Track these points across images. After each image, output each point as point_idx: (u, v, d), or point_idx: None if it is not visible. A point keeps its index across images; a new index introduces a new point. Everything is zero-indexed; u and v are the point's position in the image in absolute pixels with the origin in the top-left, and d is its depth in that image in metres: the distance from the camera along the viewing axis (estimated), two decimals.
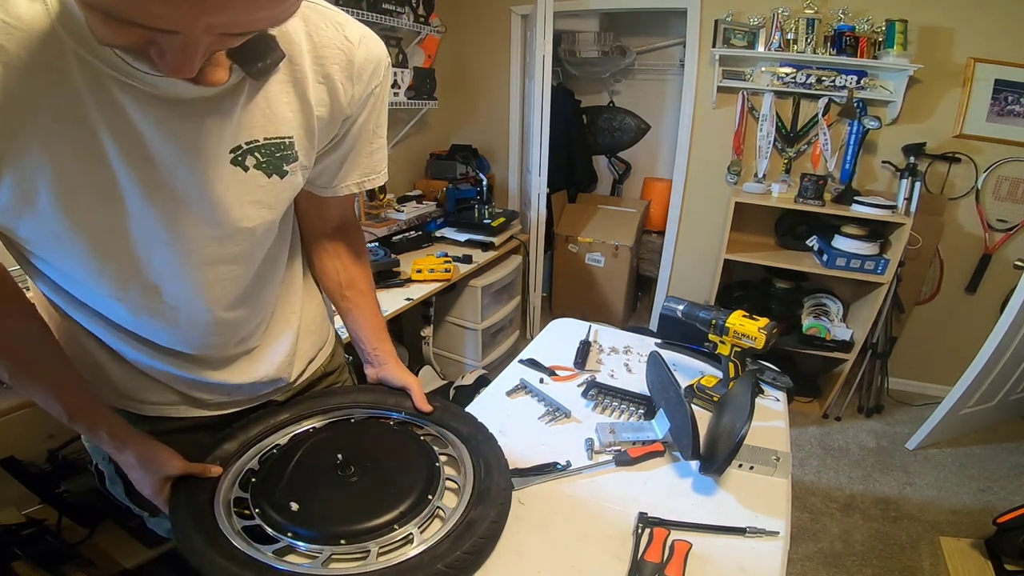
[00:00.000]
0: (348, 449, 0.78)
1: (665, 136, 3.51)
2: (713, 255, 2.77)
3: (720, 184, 2.82)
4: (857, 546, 1.87)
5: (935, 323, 2.72)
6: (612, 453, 0.93)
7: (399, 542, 0.67)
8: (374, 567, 0.63)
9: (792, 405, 1.16)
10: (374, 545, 0.65)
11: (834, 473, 2.26)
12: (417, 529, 0.68)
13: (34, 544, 1.28)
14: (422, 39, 2.70)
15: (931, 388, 2.80)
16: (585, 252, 3.27)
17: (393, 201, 2.58)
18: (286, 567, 0.62)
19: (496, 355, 2.66)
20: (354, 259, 0.93)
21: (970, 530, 1.91)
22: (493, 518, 0.70)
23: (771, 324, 1.05)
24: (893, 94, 2.37)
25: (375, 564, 0.63)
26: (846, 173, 2.44)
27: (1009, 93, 2.30)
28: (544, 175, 2.81)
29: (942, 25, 2.29)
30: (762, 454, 0.92)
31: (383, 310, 1.79)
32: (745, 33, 2.48)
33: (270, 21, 0.44)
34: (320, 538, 0.66)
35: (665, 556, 0.72)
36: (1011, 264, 2.38)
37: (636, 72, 3.47)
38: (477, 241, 2.54)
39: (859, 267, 2.32)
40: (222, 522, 0.67)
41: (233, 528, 0.67)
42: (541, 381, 1.18)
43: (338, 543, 0.65)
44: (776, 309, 2.64)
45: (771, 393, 1.17)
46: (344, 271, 0.92)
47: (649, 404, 1.08)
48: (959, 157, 2.42)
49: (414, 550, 0.65)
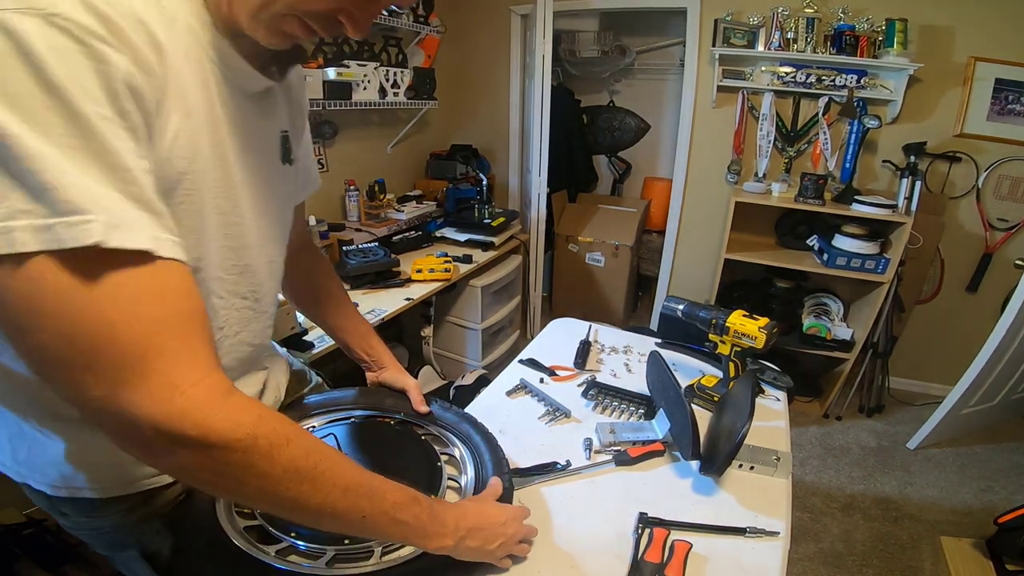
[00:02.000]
0: (350, 450, 0.78)
1: (665, 136, 3.51)
2: (713, 255, 2.77)
3: (720, 183, 2.82)
4: (858, 546, 1.87)
5: (936, 322, 2.72)
6: (612, 453, 0.93)
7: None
8: (376, 567, 0.63)
9: (793, 405, 1.16)
10: (377, 545, 0.66)
11: (835, 473, 2.26)
12: None
13: (35, 544, 1.28)
14: (422, 39, 2.70)
15: (932, 387, 2.79)
16: (585, 252, 3.27)
17: (393, 201, 2.58)
18: (288, 567, 0.62)
19: (496, 355, 2.66)
20: (324, 273, 0.95)
21: (971, 530, 1.91)
22: None
23: (771, 324, 1.05)
24: (893, 93, 2.37)
25: (378, 564, 0.63)
26: (846, 172, 2.44)
27: (1009, 92, 2.29)
28: (544, 175, 2.81)
29: (942, 24, 2.29)
30: (762, 454, 0.92)
31: (383, 310, 1.82)
32: (745, 32, 2.47)
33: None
34: (323, 538, 0.66)
35: (665, 556, 0.72)
36: (1012, 263, 2.38)
37: (636, 72, 3.47)
38: (477, 241, 2.54)
39: (860, 266, 2.32)
40: (223, 522, 0.67)
41: (235, 527, 0.67)
42: (541, 381, 1.18)
43: (342, 543, 0.65)
44: (776, 309, 2.64)
45: (771, 393, 1.17)
46: (318, 284, 0.94)
47: (649, 404, 1.08)
48: (960, 156, 2.41)
49: (414, 551, 0.65)
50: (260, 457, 0.44)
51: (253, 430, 0.44)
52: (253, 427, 0.44)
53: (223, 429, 0.43)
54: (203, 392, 0.43)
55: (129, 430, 0.41)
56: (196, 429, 0.42)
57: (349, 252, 2.06)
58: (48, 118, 0.37)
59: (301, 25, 0.51)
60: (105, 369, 0.40)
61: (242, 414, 0.44)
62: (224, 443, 0.43)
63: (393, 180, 2.72)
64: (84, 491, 0.62)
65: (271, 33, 0.51)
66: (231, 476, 0.45)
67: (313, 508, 0.49)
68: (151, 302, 0.41)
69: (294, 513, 0.49)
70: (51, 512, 0.66)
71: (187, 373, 0.42)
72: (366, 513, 0.52)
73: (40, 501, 0.66)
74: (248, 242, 0.63)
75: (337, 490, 0.50)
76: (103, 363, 0.40)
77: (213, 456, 0.43)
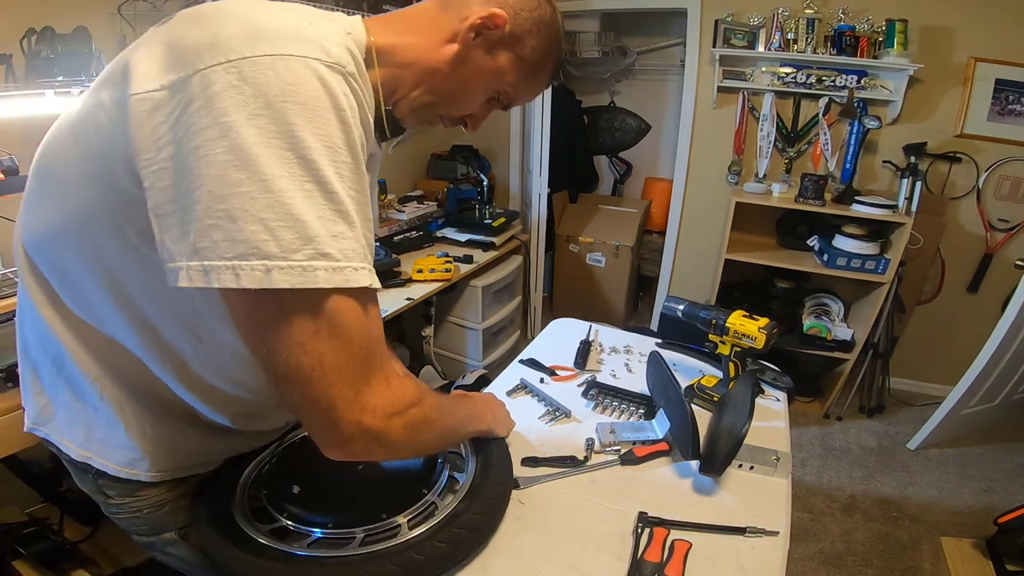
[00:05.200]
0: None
1: (666, 136, 3.50)
2: (714, 255, 2.77)
3: (721, 184, 2.82)
4: (858, 546, 1.87)
5: (936, 323, 2.71)
6: (616, 452, 0.94)
7: (388, 531, 0.69)
8: (353, 552, 0.65)
9: (793, 405, 1.16)
10: (360, 532, 0.68)
11: (835, 473, 2.26)
12: (406, 520, 0.69)
13: (36, 542, 1.29)
14: None
15: (933, 388, 2.79)
16: (586, 252, 3.27)
17: (394, 201, 2.58)
18: (276, 545, 0.66)
19: (497, 355, 2.66)
20: None
21: (971, 530, 1.91)
22: (476, 510, 0.71)
23: (771, 324, 1.05)
24: (894, 94, 2.37)
25: (356, 550, 0.65)
26: (847, 173, 2.44)
27: (1010, 92, 2.29)
28: (545, 175, 2.81)
29: (942, 24, 2.28)
30: (762, 454, 0.92)
31: (384, 310, 1.82)
32: (745, 33, 2.47)
33: None
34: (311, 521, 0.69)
35: (665, 556, 0.72)
36: (1012, 264, 2.38)
37: (637, 72, 3.46)
38: (478, 241, 2.54)
39: (860, 267, 2.32)
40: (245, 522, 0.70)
41: (245, 518, 0.70)
42: (542, 381, 1.18)
43: (326, 527, 0.68)
44: (777, 309, 2.64)
45: (771, 393, 1.17)
46: None
47: (649, 404, 1.08)
48: (960, 157, 2.41)
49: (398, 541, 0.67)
50: (429, 408, 0.60)
51: (420, 391, 0.60)
52: (418, 388, 0.60)
53: (411, 397, 0.57)
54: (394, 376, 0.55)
55: (375, 417, 0.53)
56: (402, 401, 0.56)
57: None
58: (345, 171, 0.48)
59: (439, 119, 0.70)
60: (365, 371, 0.51)
61: (412, 382, 0.60)
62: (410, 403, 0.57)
63: (394, 180, 2.72)
64: (140, 474, 0.69)
65: (416, 122, 0.69)
66: (422, 434, 0.60)
67: (443, 435, 0.70)
68: (378, 321, 0.54)
69: (440, 443, 0.73)
70: (93, 494, 0.73)
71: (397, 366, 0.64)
72: (463, 431, 0.79)
73: (86, 483, 0.72)
74: None
75: (453, 418, 0.73)
76: (366, 368, 0.51)
77: (415, 417, 0.58)
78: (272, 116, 0.44)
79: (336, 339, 0.48)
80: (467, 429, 0.80)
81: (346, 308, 0.48)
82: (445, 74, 0.63)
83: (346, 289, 0.47)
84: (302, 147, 0.44)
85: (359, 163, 0.49)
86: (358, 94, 0.51)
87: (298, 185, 0.44)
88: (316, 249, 0.45)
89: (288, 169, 0.44)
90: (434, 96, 0.65)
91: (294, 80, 0.45)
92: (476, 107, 0.69)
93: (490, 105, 0.70)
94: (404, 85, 0.63)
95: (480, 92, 0.67)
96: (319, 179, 0.45)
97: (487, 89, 0.67)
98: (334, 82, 0.47)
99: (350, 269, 0.47)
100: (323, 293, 0.46)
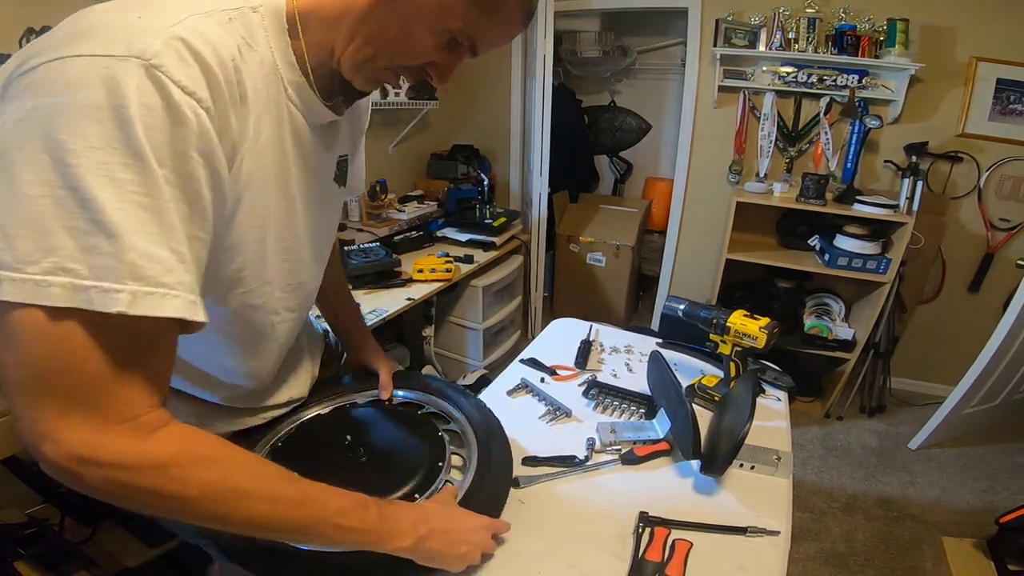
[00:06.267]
0: (354, 432, 0.85)
1: (666, 136, 3.50)
2: (714, 255, 2.77)
3: (721, 183, 2.81)
4: (859, 546, 1.86)
5: (937, 322, 2.71)
6: (616, 452, 0.93)
7: None
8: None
9: (794, 405, 1.16)
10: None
11: (836, 473, 2.25)
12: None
13: (36, 543, 1.28)
14: None
15: (934, 388, 2.79)
16: (586, 252, 3.26)
17: (394, 201, 2.58)
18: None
19: (497, 355, 2.66)
20: (335, 265, 1.01)
21: (973, 530, 1.90)
22: (475, 510, 0.71)
23: (772, 324, 1.05)
24: (895, 93, 2.36)
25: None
26: (848, 172, 2.43)
27: (1011, 92, 2.29)
28: (545, 175, 2.81)
29: (944, 24, 2.28)
30: (763, 454, 0.92)
31: (385, 310, 1.82)
32: (746, 32, 2.47)
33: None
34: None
35: (666, 555, 0.72)
36: (1014, 263, 2.38)
37: (637, 72, 3.46)
38: (478, 241, 2.54)
39: (861, 267, 2.32)
40: None
41: None
42: (542, 380, 1.18)
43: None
44: (778, 309, 2.63)
45: (772, 393, 1.17)
46: (334, 278, 0.98)
47: (650, 404, 1.08)
48: (961, 156, 2.41)
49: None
50: (170, 481, 0.47)
51: (168, 459, 0.47)
52: (171, 456, 0.48)
53: (137, 455, 0.46)
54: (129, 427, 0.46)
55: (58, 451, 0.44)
56: (114, 456, 0.45)
57: (350, 252, 2.06)
58: (123, 175, 0.41)
59: (394, 75, 0.60)
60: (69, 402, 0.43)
61: (163, 445, 0.48)
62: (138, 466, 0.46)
63: (394, 180, 2.72)
64: None
65: (367, 81, 0.60)
66: (139, 499, 0.48)
67: (238, 522, 0.51)
68: (135, 354, 0.46)
69: (221, 525, 0.51)
70: None
71: (128, 410, 0.46)
72: (303, 522, 0.54)
73: None
74: (303, 262, 0.71)
75: (264, 504, 0.52)
76: (71, 398, 0.43)
77: (120, 479, 0.46)
78: (37, 118, 0.41)
79: (45, 364, 0.42)
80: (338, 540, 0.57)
81: (67, 334, 0.41)
82: (378, 19, 0.55)
83: (84, 311, 0.41)
84: (61, 149, 0.40)
85: (147, 164, 0.42)
86: (182, 83, 0.44)
87: (48, 191, 0.40)
88: (55, 263, 0.40)
89: (40, 174, 0.40)
90: (373, 47, 0.57)
91: (70, 80, 0.41)
92: (430, 52, 0.58)
93: (453, 51, 0.59)
94: (339, 42, 0.57)
95: (426, 34, 0.56)
96: (73, 185, 0.40)
97: (435, 30, 0.56)
98: (125, 77, 0.41)
99: (97, 290, 0.41)
100: (54, 311, 0.40)
